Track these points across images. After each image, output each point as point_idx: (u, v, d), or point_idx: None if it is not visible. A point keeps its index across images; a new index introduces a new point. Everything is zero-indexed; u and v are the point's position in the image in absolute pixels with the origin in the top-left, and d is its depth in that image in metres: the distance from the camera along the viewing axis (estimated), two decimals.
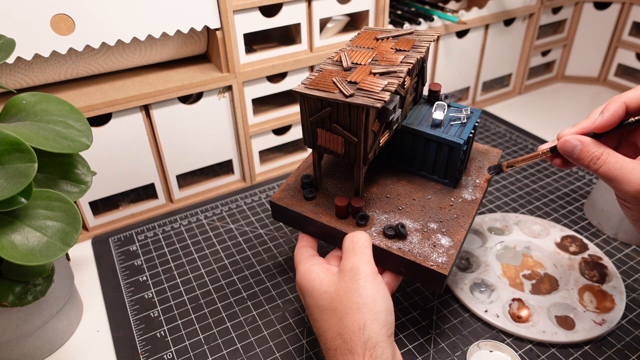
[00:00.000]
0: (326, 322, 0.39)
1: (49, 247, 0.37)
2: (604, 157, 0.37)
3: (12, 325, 0.45)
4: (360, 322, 0.37)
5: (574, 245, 0.60)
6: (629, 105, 0.38)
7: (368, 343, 0.36)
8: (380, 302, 0.38)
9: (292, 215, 0.49)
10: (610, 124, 0.38)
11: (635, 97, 0.38)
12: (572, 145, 0.39)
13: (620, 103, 0.38)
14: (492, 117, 0.93)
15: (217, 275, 0.59)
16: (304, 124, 0.44)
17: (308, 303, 0.41)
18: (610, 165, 0.37)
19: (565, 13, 0.97)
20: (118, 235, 0.65)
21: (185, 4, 0.59)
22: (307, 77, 0.43)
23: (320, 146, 0.45)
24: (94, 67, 0.62)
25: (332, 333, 0.38)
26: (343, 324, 0.37)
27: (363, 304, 0.37)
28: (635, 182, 0.36)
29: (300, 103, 0.43)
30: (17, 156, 0.35)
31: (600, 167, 0.37)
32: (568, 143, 0.39)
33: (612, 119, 0.38)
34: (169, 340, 0.51)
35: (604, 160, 0.37)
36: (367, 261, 0.40)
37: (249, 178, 0.75)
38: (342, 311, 0.38)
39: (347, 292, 0.38)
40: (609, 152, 0.38)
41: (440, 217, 0.47)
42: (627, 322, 0.51)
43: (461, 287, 0.55)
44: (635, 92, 0.38)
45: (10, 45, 0.43)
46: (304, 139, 0.46)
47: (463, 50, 0.87)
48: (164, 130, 0.64)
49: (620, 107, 0.38)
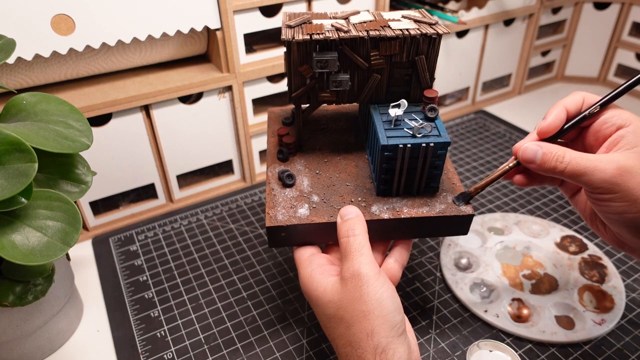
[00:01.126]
0: (335, 329, 0.39)
1: (49, 247, 0.37)
2: (568, 154, 0.37)
3: (13, 325, 0.45)
4: (368, 329, 0.36)
5: (574, 245, 0.60)
6: (568, 110, 0.40)
7: (377, 348, 0.36)
8: (387, 303, 0.37)
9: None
10: (553, 127, 0.39)
11: (574, 102, 0.40)
12: (533, 150, 0.39)
13: (561, 108, 0.40)
14: (492, 117, 0.93)
15: (217, 275, 0.59)
16: None
17: (315, 311, 0.41)
18: (577, 160, 0.36)
19: (565, 13, 0.97)
20: (118, 235, 0.65)
21: (185, 4, 0.59)
22: None
23: None
24: (94, 67, 0.62)
25: (342, 341, 0.38)
26: (351, 332, 0.37)
27: (369, 311, 0.37)
28: (608, 166, 0.35)
29: None
30: (18, 156, 0.35)
31: (568, 164, 0.37)
32: (528, 149, 0.39)
33: (556, 122, 0.39)
34: (169, 340, 0.51)
35: (569, 156, 0.37)
36: (366, 262, 0.39)
37: (249, 178, 0.75)
38: (349, 320, 0.37)
39: (352, 301, 0.38)
40: (570, 150, 0.37)
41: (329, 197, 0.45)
42: (626, 322, 0.51)
43: (461, 287, 0.55)
44: (573, 97, 0.40)
45: (11, 45, 0.43)
46: None
47: (463, 51, 0.87)
48: (164, 130, 0.65)
49: (562, 112, 0.40)
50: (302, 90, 0.46)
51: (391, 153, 0.42)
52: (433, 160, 0.43)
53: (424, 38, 0.43)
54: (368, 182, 0.47)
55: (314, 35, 0.42)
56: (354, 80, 0.46)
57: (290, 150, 0.50)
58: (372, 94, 0.47)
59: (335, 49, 0.43)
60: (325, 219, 0.43)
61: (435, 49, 0.44)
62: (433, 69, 0.45)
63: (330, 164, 0.50)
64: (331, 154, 0.51)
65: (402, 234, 0.45)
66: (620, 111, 0.39)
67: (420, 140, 0.42)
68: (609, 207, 0.37)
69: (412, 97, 0.47)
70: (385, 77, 0.46)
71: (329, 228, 0.43)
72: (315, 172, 0.48)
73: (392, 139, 0.42)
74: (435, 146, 0.42)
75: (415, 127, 0.42)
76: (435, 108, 0.44)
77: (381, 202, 0.45)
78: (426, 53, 0.44)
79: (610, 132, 0.38)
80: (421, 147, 0.42)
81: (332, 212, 0.44)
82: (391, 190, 0.45)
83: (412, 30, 0.43)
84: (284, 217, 0.44)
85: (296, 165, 0.50)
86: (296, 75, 0.45)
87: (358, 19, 0.46)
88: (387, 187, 0.45)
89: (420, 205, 0.45)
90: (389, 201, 0.45)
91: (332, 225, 0.43)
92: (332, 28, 0.44)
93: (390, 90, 0.47)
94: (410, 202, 0.45)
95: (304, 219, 0.43)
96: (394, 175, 0.44)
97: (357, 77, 0.46)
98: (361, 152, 0.51)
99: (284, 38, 0.42)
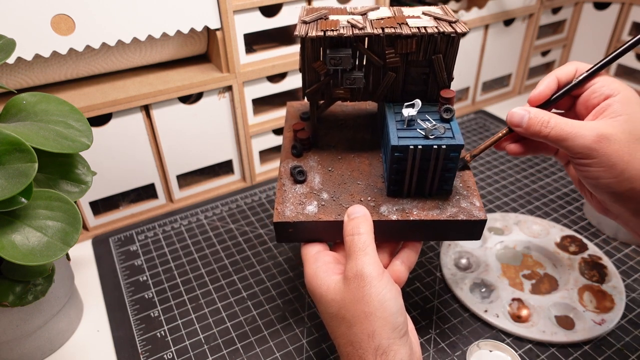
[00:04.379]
0: (337, 328, 0.39)
1: (49, 247, 0.37)
2: (553, 119, 0.39)
3: (13, 325, 0.45)
4: (369, 330, 0.36)
5: (574, 245, 0.60)
6: (560, 79, 0.42)
7: (378, 350, 0.36)
8: (389, 305, 0.37)
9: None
10: (544, 95, 0.42)
11: (566, 72, 0.42)
12: (520, 115, 0.41)
13: (553, 77, 0.42)
14: (492, 117, 0.93)
15: (217, 275, 0.59)
16: None
17: (318, 309, 0.41)
18: (561, 125, 0.38)
19: (565, 13, 0.97)
20: (118, 235, 0.65)
21: (185, 4, 0.59)
22: None
23: None
24: (94, 67, 0.62)
25: (344, 340, 0.38)
26: (352, 332, 0.37)
27: (370, 312, 0.37)
28: (588, 133, 0.37)
29: None
30: (18, 156, 0.35)
31: (552, 128, 0.39)
32: (516, 114, 0.41)
33: (546, 91, 0.42)
34: (169, 340, 0.51)
35: (554, 122, 0.39)
36: (370, 262, 0.39)
37: (249, 178, 0.75)
38: (351, 320, 0.37)
39: (354, 301, 0.37)
40: (555, 115, 0.39)
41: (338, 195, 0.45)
42: (626, 322, 0.51)
43: (461, 287, 0.55)
44: (566, 67, 0.42)
45: (11, 45, 0.43)
46: None
47: (463, 51, 0.87)
48: (164, 130, 0.65)
49: (553, 81, 0.42)
50: (316, 87, 0.45)
51: (402, 154, 0.41)
52: (445, 163, 0.42)
53: (442, 37, 0.41)
54: (380, 181, 0.47)
55: (328, 31, 0.41)
56: (368, 78, 0.45)
57: (304, 146, 0.50)
58: (387, 92, 0.46)
59: (349, 46, 0.43)
60: (332, 217, 0.43)
61: (454, 48, 0.42)
62: (451, 69, 0.44)
63: (344, 161, 0.49)
64: (346, 151, 0.50)
65: (411, 236, 0.44)
66: (610, 80, 0.40)
67: (433, 142, 0.41)
68: (588, 172, 0.39)
69: (429, 97, 0.45)
70: (401, 76, 0.44)
71: (336, 226, 0.43)
72: (328, 169, 0.48)
73: (403, 140, 0.41)
74: (448, 148, 0.41)
75: (428, 129, 0.41)
76: (451, 109, 0.43)
77: (391, 203, 0.44)
78: (444, 52, 0.43)
79: (599, 101, 0.40)
80: (432, 149, 0.40)
81: (340, 211, 0.44)
82: (402, 191, 0.44)
83: (430, 28, 0.41)
84: (292, 214, 0.43)
85: (309, 162, 0.49)
86: (310, 71, 0.44)
87: (376, 15, 0.45)
88: (398, 187, 0.44)
89: (431, 207, 0.43)
90: (400, 202, 0.44)
91: (339, 224, 0.43)
92: (348, 25, 0.43)
93: (406, 88, 0.45)
94: (421, 205, 0.44)
95: (312, 217, 0.43)
96: (405, 176, 0.43)
97: (372, 74, 0.45)
98: (376, 150, 0.51)
99: (297, 34, 0.42)
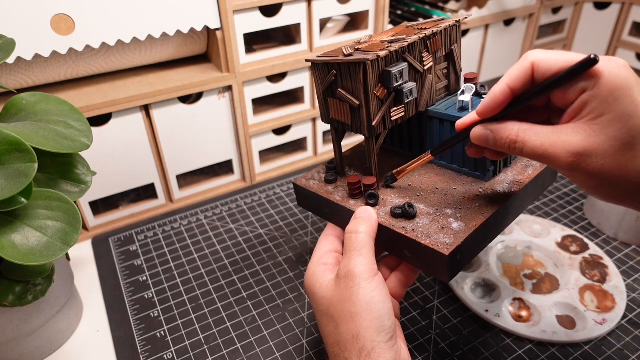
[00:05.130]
0: (326, 327, 0.39)
1: (49, 247, 0.37)
2: (520, 136, 0.34)
3: (12, 325, 0.45)
4: (354, 331, 0.36)
5: (575, 245, 0.60)
6: (513, 87, 0.35)
7: (363, 352, 0.35)
8: (377, 307, 0.36)
9: (310, 196, 0.48)
10: (492, 109, 0.36)
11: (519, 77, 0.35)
12: (483, 135, 0.36)
13: (503, 86, 0.35)
14: None
15: (217, 275, 0.59)
16: (319, 97, 0.46)
17: (312, 305, 0.41)
18: (532, 144, 0.33)
19: (565, 13, 0.97)
20: (118, 235, 0.65)
21: (185, 4, 0.59)
22: None
23: (333, 119, 0.45)
24: (94, 67, 0.62)
25: (331, 340, 0.38)
26: (339, 332, 0.37)
27: (356, 313, 0.36)
28: (561, 153, 0.32)
29: (314, 74, 0.45)
30: (17, 156, 0.35)
31: (523, 149, 0.34)
32: (477, 135, 0.37)
33: (493, 105, 0.36)
34: (169, 340, 0.51)
35: (522, 140, 0.34)
36: (362, 263, 0.38)
37: (249, 178, 0.75)
38: (338, 319, 0.37)
39: (341, 300, 0.37)
40: (524, 129, 0.34)
41: (459, 204, 0.43)
42: (627, 322, 0.51)
43: (462, 287, 0.55)
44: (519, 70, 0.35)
45: (11, 45, 0.43)
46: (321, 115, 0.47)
47: (463, 50, 0.87)
48: (164, 130, 0.65)
49: (501, 92, 0.35)
50: (382, 114, 0.42)
51: None
52: None
53: (452, 28, 0.45)
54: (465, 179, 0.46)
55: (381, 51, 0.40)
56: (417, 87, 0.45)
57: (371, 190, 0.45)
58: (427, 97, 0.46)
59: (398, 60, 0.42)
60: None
61: (460, 36, 0.47)
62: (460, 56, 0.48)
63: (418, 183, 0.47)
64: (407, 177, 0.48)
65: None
66: None
67: None
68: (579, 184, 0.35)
69: (451, 89, 0.48)
70: (433, 76, 0.46)
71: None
72: (417, 195, 0.45)
73: None
74: None
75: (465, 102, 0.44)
76: (485, 85, 0.46)
77: None
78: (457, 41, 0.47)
79: (575, 96, 0.33)
80: None
81: None
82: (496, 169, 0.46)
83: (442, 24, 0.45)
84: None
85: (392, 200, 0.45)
86: (373, 99, 0.41)
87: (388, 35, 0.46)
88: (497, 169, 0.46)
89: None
90: None
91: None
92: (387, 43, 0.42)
93: (434, 88, 0.47)
94: None
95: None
96: None
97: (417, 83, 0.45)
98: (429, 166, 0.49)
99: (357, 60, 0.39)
